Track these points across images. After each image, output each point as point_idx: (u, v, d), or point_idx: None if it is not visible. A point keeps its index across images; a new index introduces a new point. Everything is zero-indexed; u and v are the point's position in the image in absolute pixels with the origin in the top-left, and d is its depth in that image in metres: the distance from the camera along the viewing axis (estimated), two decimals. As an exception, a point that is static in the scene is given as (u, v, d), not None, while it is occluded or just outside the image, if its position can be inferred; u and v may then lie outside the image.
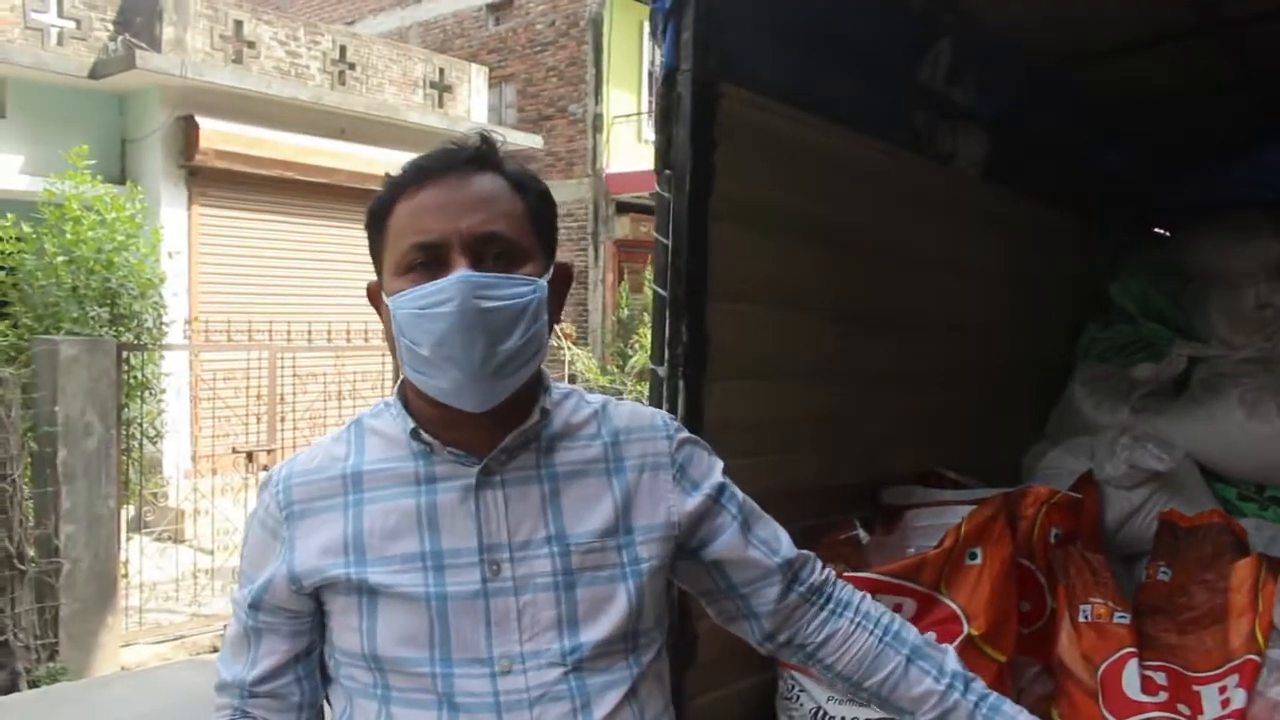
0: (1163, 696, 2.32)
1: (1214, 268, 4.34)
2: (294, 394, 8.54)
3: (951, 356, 3.64)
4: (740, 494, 1.56)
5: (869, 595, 1.60)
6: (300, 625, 1.39)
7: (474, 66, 13.41)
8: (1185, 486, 3.46)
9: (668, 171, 2.52)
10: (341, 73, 11.48)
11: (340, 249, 10.94)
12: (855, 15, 3.04)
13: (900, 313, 3.35)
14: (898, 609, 2.58)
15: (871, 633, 1.53)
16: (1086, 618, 2.52)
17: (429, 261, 1.29)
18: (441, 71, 12.61)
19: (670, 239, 2.51)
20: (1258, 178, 4.56)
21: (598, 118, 17.94)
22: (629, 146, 17.88)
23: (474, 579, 1.32)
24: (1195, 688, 2.35)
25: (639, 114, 18.54)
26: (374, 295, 1.39)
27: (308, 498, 1.37)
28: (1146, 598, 2.75)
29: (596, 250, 17.74)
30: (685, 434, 1.53)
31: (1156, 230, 5.07)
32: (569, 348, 13.27)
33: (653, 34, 2.57)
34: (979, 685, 1.52)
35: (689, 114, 2.49)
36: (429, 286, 1.27)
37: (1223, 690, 2.31)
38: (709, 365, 2.56)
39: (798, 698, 2.62)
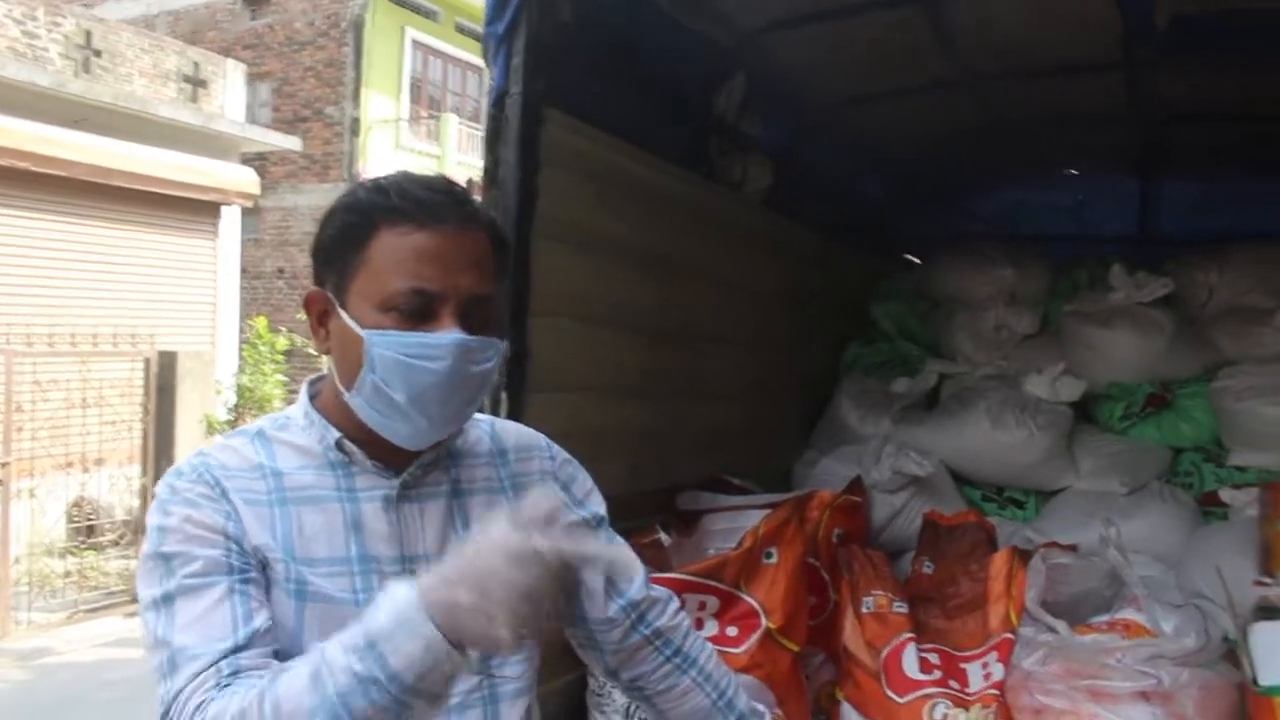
0: (937, 674, 2.62)
1: (958, 293, 4.83)
2: (33, 402, 7.96)
3: (736, 371, 3.89)
4: (611, 531, 1.65)
5: (714, 653, 1.73)
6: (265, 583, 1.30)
7: (230, 62, 12.87)
8: (939, 489, 3.85)
9: (494, 190, 2.62)
10: (86, 59, 10.76)
11: (82, 247, 10.25)
12: (662, 49, 3.24)
13: (695, 330, 3.56)
14: (702, 606, 2.79)
15: (708, 695, 1.67)
16: (869, 608, 2.80)
17: (419, 309, 1.29)
18: (196, 65, 12.04)
19: (496, 256, 2.61)
20: (997, 214, 5.12)
21: (355, 122, 17.60)
22: (387, 152, 17.64)
23: None
24: (962, 665, 2.67)
25: (398, 120, 18.33)
26: (318, 303, 1.37)
27: (233, 487, 1.32)
28: (915, 589, 3.07)
29: (352, 256, 17.34)
30: (565, 454, 1.62)
31: (911, 257, 5.56)
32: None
33: (484, 57, 2.65)
34: None
35: (516, 136, 2.59)
36: (424, 337, 1.28)
37: (985, 665, 2.63)
38: (529, 378, 2.67)
39: (609, 694, 2.76)
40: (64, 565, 8.19)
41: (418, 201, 1.31)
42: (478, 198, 1.45)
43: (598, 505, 1.64)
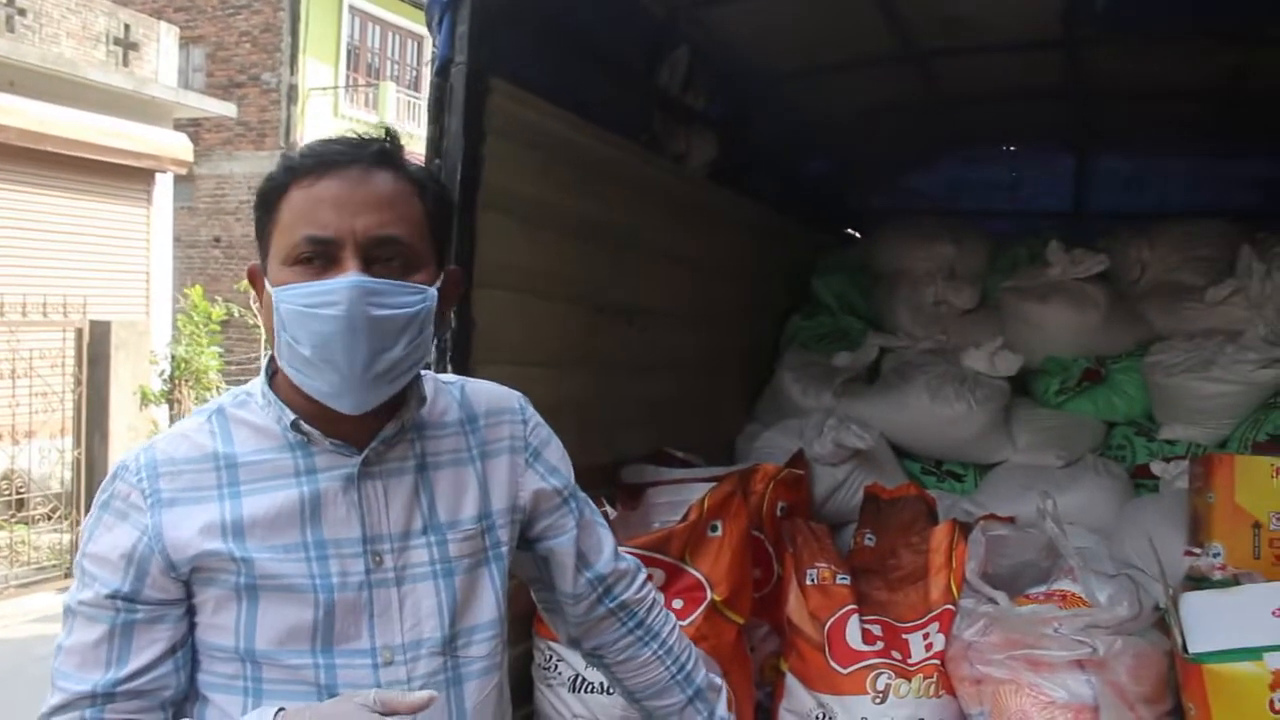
0: (879, 645, 2.66)
1: (899, 267, 4.89)
2: (-43, 373, 7.77)
3: (679, 344, 3.88)
4: (585, 499, 1.65)
5: (678, 627, 1.75)
6: (181, 610, 1.33)
7: (163, 24, 12.55)
8: (880, 462, 3.90)
9: (438, 161, 2.58)
10: (10, 18, 10.41)
11: (11, 214, 9.97)
12: (605, 19, 3.21)
13: (639, 303, 3.55)
14: (648, 579, 2.79)
15: (668, 668, 1.69)
16: (813, 580, 2.82)
17: (319, 256, 1.26)
18: (127, 27, 11.71)
19: (441, 227, 2.57)
20: (938, 189, 5.17)
21: (293, 89, 17.29)
22: (325, 120, 17.36)
23: (358, 570, 1.34)
24: (904, 636, 2.71)
25: (336, 87, 18.04)
26: (255, 278, 1.36)
27: (177, 487, 1.31)
28: (857, 561, 3.10)
29: (289, 225, 17.12)
30: (538, 418, 1.59)
31: (852, 232, 5.60)
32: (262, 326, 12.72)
33: (428, 24, 2.61)
34: None
35: (461, 106, 2.55)
36: (318, 285, 1.25)
37: (926, 636, 2.68)
38: (474, 351, 2.64)
39: (555, 667, 2.77)
40: (-6, 540, 8.02)
41: (320, 155, 1.30)
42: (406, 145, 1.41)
43: (568, 472, 1.63)
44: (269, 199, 1.31)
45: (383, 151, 1.32)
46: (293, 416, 1.34)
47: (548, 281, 2.99)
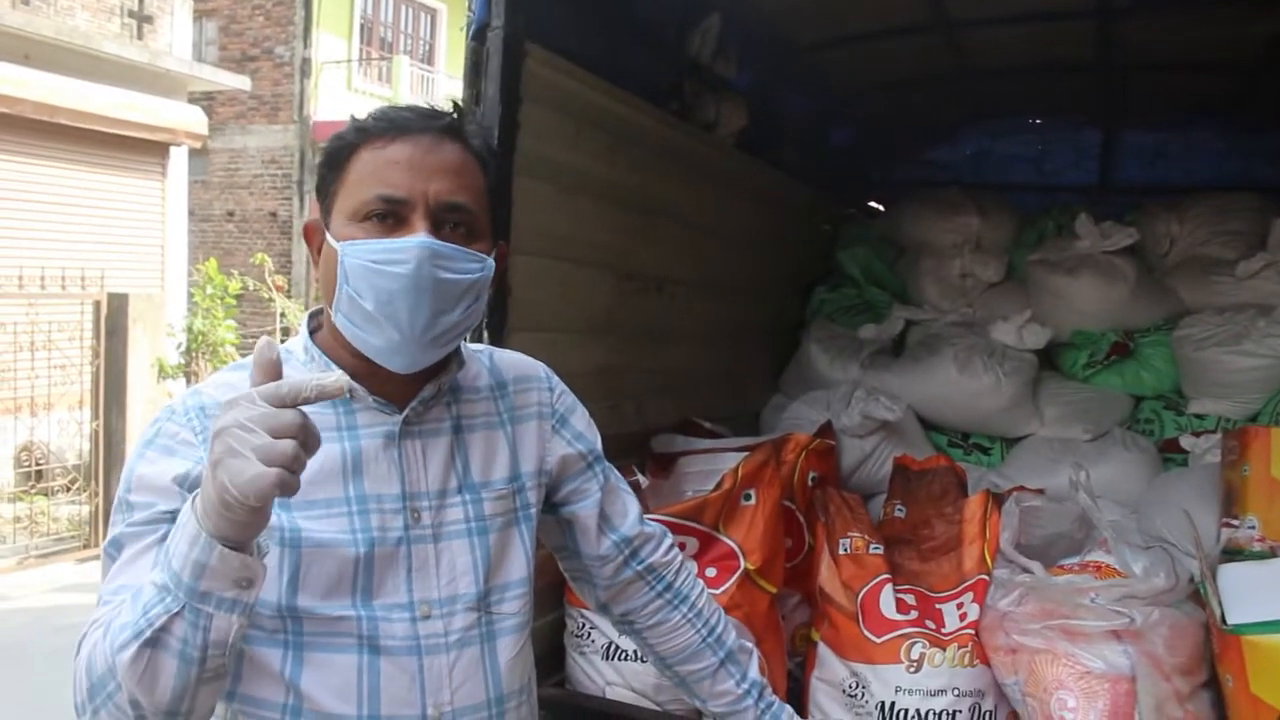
0: (913, 615, 2.64)
1: (924, 240, 4.86)
2: (-21, 345, 7.80)
3: (708, 313, 3.88)
4: (609, 466, 1.66)
5: (706, 590, 1.76)
6: None
7: (177, -3, 12.49)
8: (908, 434, 3.88)
9: (474, 126, 2.56)
10: (25, -9, 10.39)
11: (28, 187, 9.95)
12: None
13: (668, 272, 3.54)
14: (681, 547, 2.78)
15: (698, 631, 1.70)
16: (846, 550, 2.81)
17: (389, 215, 1.30)
18: (141, 0, 11.66)
19: (476, 193, 2.56)
20: (963, 162, 5.14)
21: (306, 62, 17.23)
22: (338, 94, 17.31)
23: (398, 525, 1.36)
24: (938, 605, 2.70)
25: (349, 61, 17.97)
26: (312, 233, 1.39)
27: None
28: (888, 531, 3.09)
29: (302, 199, 17.13)
30: (564, 386, 1.63)
31: (875, 205, 5.57)
32: (280, 299, 12.73)
33: (465, -12, 2.59)
34: (769, 693, 1.73)
35: (498, 71, 2.53)
36: (389, 242, 1.28)
37: (960, 606, 2.67)
38: (510, 317, 2.64)
39: (588, 635, 2.77)
40: (13, 510, 8.06)
41: (392, 120, 1.34)
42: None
43: (595, 439, 1.65)
44: (337, 157, 1.35)
45: (452, 124, 1.37)
46: (339, 370, 1.34)
47: (580, 248, 2.99)
